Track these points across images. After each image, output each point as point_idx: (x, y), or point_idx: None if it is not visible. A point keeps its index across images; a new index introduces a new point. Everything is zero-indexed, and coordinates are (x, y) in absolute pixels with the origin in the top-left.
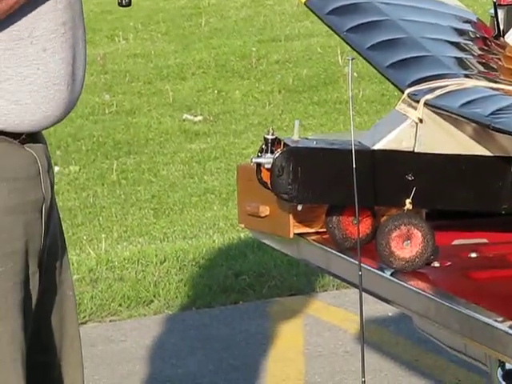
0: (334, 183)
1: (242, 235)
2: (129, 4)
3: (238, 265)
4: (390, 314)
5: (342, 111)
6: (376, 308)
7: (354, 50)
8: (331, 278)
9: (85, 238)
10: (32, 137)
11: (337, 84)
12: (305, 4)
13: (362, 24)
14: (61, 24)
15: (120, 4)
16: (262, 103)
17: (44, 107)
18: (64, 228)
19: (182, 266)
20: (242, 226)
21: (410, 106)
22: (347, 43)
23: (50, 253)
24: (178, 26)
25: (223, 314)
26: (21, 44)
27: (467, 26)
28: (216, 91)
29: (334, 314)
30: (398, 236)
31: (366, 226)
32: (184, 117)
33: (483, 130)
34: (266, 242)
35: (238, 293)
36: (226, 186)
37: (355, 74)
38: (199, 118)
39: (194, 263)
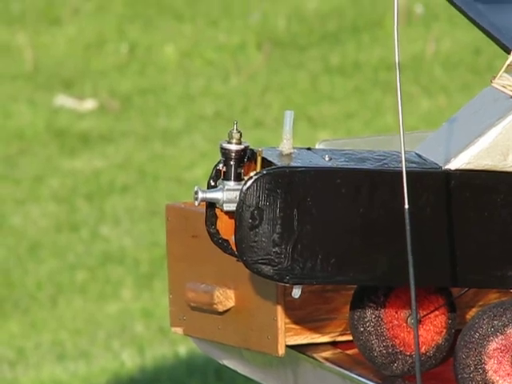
0: (369, 240)
1: None
2: None
3: None
4: None
5: None
6: None
7: None
8: None
9: None
10: None
11: None
12: None
13: None
14: None
15: None
16: None
17: None
18: None
19: None
20: (179, 330)
21: None
22: None
23: None
24: None
25: None
26: None
27: None
28: None
29: None
30: (501, 349)
31: (434, 328)
32: None
33: None
34: (228, 363)
35: None
36: None
37: None
38: None
39: None
